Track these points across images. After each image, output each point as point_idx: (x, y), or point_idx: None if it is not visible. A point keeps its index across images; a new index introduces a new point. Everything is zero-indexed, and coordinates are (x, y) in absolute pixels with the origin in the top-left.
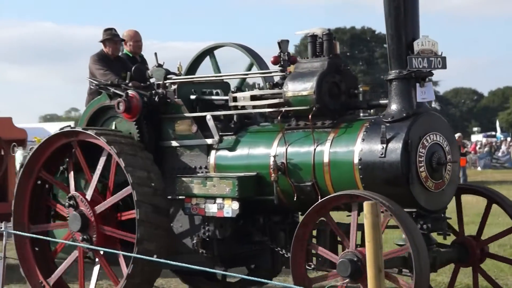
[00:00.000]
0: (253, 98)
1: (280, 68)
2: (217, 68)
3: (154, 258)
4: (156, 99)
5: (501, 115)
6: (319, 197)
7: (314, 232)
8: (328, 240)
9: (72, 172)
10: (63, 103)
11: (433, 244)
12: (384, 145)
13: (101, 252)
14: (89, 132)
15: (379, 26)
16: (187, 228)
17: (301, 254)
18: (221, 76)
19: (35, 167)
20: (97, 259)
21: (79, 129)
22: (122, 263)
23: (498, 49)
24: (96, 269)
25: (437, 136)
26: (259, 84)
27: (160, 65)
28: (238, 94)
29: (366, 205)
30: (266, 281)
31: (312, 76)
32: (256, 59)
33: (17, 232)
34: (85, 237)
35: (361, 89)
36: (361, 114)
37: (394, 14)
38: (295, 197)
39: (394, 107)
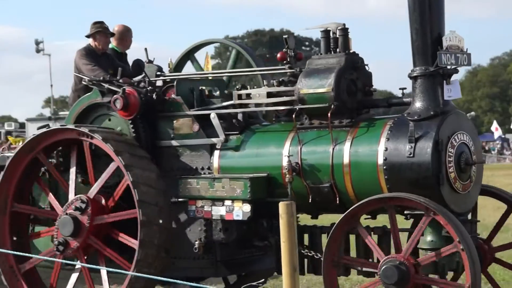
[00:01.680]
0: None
1: (289, 65)
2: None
3: (150, 276)
4: (154, 96)
5: None
6: (337, 199)
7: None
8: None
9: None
10: None
11: None
12: (413, 145)
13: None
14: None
15: (298, 28)
16: (188, 232)
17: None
18: (220, 73)
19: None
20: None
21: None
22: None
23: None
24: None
25: (464, 135)
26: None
27: (150, 61)
28: (245, 91)
29: (281, 205)
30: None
31: (329, 73)
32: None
33: None
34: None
35: None
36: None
37: (419, 9)
38: (310, 199)
39: (419, 105)
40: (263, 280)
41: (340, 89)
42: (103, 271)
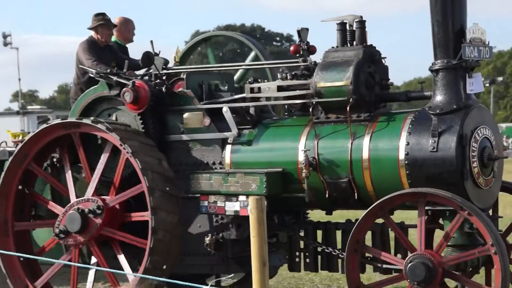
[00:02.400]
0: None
1: (302, 58)
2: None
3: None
4: (163, 89)
5: None
6: (356, 194)
7: None
8: (379, 241)
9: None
10: None
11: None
12: (436, 139)
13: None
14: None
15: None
16: (198, 228)
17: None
18: (230, 66)
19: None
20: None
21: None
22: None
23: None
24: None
25: (486, 130)
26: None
27: (156, 54)
28: (258, 85)
29: (251, 200)
30: None
31: (347, 66)
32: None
33: None
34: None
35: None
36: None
37: (441, 1)
38: (327, 194)
39: (440, 98)
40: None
41: (359, 82)
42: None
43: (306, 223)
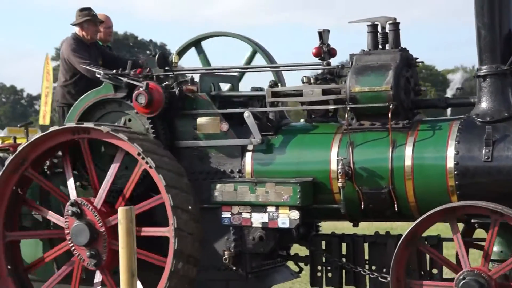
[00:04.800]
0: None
1: (326, 61)
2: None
3: None
4: (176, 92)
5: None
6: (396, 205)
7: None
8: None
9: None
10: None
11: None
12: (490, 148)
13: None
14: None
15: (141, 32)
16: (215, 241)
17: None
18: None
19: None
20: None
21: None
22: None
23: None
24: None
25: None
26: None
27: (156, 55)
28: (278, 89)
29: (120, 210)
30: None
31: (385, 70)
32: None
33: None
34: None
35: None
36: None
37: (488, 3)
38: (362, 205)
39: (487, 105)
40: None
41: (399, 87)
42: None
43: (331, 235)
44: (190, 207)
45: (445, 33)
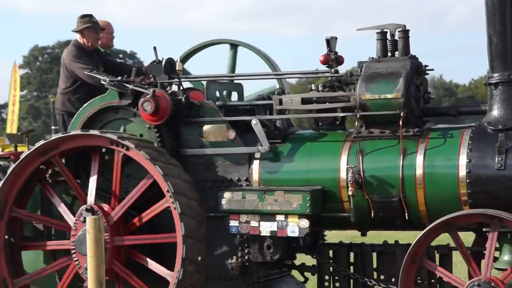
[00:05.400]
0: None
1: (335, 68)
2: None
3: None
4: (182, 100)
5: None
6: (406, 214)
7: None
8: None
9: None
10: None
11: None
12: (503, 156)
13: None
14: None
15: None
16: (221, 250)
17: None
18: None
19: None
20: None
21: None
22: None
23: None
24: None
25: None
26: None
27: (160, 62)
28: (286, 97)
29: (89, 220)
30: None
31: (396, 77)
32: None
33: None
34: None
35: None
36: None
37: (499, 11)
38: (372, 214)
39: (499, 113)
40: None
41: (409, 95)
42: None
43: (338, 244)
44: (198, 216)
45: None
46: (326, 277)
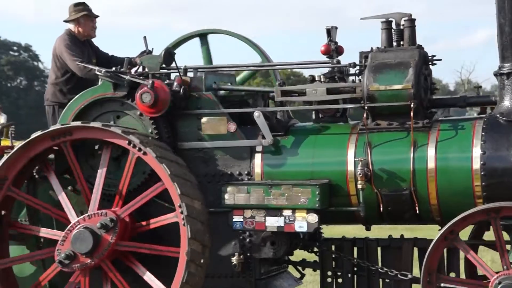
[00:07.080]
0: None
1: (336, 59)
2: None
3: None
4: (181, 91)
5: None
6: (417, 208)
7: None
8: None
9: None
10: None
11: None
12: None
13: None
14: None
15: (4, 32)
16: (222, 247)
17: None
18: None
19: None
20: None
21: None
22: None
23: None
24: None
25: None
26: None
27: (150, 52)
28: (290, 88)
29: None
30: None
31: (405, 68)
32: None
33: None
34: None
35: None
36: None
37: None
38: (382, 208)
39: (511, 103)
40: None
41: (419, 86)
42: None
43: (342, 239)
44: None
45: None
46: (329, 273)
